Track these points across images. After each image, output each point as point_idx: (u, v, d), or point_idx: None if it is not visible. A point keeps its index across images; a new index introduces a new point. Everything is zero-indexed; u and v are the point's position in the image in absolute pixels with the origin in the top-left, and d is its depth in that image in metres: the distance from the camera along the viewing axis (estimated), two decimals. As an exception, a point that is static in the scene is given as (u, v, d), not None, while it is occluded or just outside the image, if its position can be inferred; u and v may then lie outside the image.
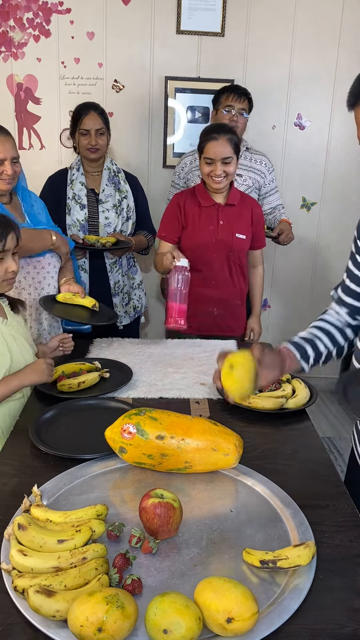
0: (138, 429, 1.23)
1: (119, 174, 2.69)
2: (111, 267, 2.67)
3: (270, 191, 2.86)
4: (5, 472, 1.29)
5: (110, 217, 2.62)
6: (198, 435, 1.24)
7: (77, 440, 1.41)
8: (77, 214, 2.60)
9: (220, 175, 2.21)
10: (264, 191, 2.84)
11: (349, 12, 3.21)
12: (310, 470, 1.33)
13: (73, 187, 2.62)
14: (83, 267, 2.64)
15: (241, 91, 2.69)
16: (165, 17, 3.17)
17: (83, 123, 2.53)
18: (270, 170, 2.84)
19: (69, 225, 2.61)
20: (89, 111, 2.54)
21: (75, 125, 2.58)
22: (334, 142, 3.42)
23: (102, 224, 2.62)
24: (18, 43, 3.17)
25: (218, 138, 2.19)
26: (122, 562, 0.98)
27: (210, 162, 2.21)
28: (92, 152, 2.56)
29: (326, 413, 3.57)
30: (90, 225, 2.62)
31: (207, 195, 2.31)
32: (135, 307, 2.85)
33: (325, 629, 0.89)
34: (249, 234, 2.36)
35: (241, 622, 0.84)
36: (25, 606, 0.89)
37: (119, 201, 2.64)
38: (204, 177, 2.28)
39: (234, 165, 2.24)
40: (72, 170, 2.65)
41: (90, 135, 2.53)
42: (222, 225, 2.30)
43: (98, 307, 2.09)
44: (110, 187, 2.65)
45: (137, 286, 2.85)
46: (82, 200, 2.61)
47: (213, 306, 2.38)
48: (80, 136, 2.56)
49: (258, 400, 1.59)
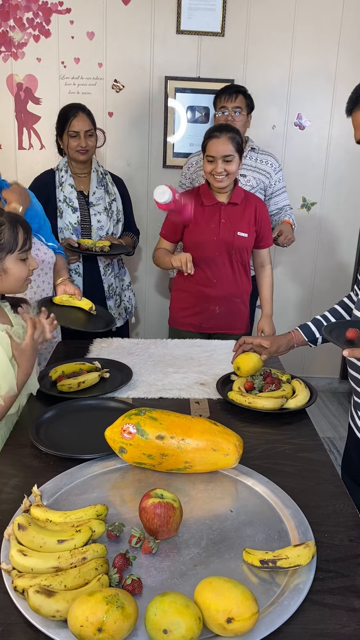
0: (138, 429, 1.23)
1: (106, 176, 2.68)
2: (105, 270, 2.66)
3: (277, 191, 2.81)
4: (5, 472, 1.29)
5: (102, 220, 2.61)
6: (198, 435, 1.24)
7: (77, 440, 1.41)
8: (69, 217, 2.58)
9: (221, 174, 2.23)
10: (269, 192, 2.80)
11: (349, 12, 3.21)
12: (310, 470, 1.33)
13: (63, 189, 2.59)
14: (77, 271, 2.63)
15: (233, 89, 2.68)
16: (165, 17, 3.17)
17: (72, 125, 2.50)
18: (277, 170, 2.80)
19: (61, 229, 2.59)
20: (77, 112, 2.51)
21: (62, 127, 2.53)
22: (334, 142, 3.42)
23: (94, 227, 2.61)
24: (18, 43, 3.17)
25: (220, 136, 2.22)
26: (122, 562, 0.97)
27: (212, 160, 2.23)
28: (82, 153, 2.53)
29: (326, 413, 3.57)
30: (82, 228, 2.61)
31: (211, 195, 2.34)
32: (126, 308, 2.85)
33: (325, 629, 0.89)
34: (252, 232, 2.37)
35: (241, 622, 0.84)
36: (25, 606, 0.89)
37: (109, 204, 2.64)
38: (207, 176, 2.30)
39: (236, 164, 2.25)
40: (61, 172, 2.61)
41: (80, 137, 2.50)
42: (224, 224, 2.32)
43: (95, 309, 2.09)
44: (100, 189, 2.63)
45: (127, 287, 2.85)
46: (74, 203, 2.59)
47: (215, 305, 2.39)
48: (68, 138, 2.52)
49: (258, 400, 1.59)
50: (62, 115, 2.54)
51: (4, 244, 1.47)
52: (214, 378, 1.79)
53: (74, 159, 2.59)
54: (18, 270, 1.53)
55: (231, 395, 1.64)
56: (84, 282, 2.65)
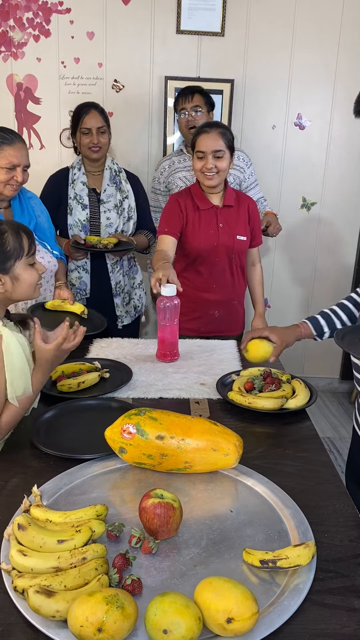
0: (138, 429, 1.23)
1: (120, 174, 2.69)
2: (112, 267, 2.67)
3: (251, 185, 2.86)
4: (5, 472, 1.29)
5: (111, 218, 2.62)
6: (198, 435, 1.24)
7: (77, 440, 1.41)
8: (78, 214, 2.60)
9: (211, 170, 2.17)
10: (244, 186, 2.84)
11: (349, 12, 3.21)
12: (310, 470, 1.33)
13: (74, 187, 2.61)
14: (84, 268, 2.64)
15: (188, 90, 2.74)
16: (165, 17, 3.17)
17: (84, 122, 2.54)
18: (249, 165, 2.85)
19: (71, 226, 2.61)
20: (89, 110, 2.55)
21: (75, 124, 2.58)
22: (334, 142, 3.42)
23: (103, 224, 2.62)
24: (18, 43, 3.17)
25: (210, 131, 2.17)
26: (122, 562, 0.97)
27: (202, 155, 2.17)
28: (94, 151, 2.56)
29: (326, 413, 3.57)
30: (91, 226, 2.62)
31: (204, 197, 2.28)
32: (136, 306, 2.85)
33: (325, 629, 0.89)
34: (249, 234, 2.35)
35: (241, 622, 0.84)
36: (25, 606, 0.89)
37: (120, 201, 2.64)
38: (197, 175, 2.25)
39: (227, 162, 2.20)
40: (74, 170, 2.65)
41: (92, 134, 2.54)
42: (222, 229, 2.28)
43: (87, 313, 2.11)
44: (112, 187, 2.65)
45: (138, 286, 2.84)
46: (84, 201, 2.61)
47: (214, 309, 2.37)
48: (81, 135, 2.56)
49: (258, 401, 1.59)
50: (76, 113, 2.59)
51: (11, 250, 1.46)
52: (214, 378, 1.79)
53: (86, 156, 2.62)
54: (29, 275, 1.52)
55: (231, 395, 1.64)
56: (91, 279, 2.67)
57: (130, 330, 2.84)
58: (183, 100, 2.73)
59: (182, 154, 2.90)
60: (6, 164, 1.94)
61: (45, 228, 2.20)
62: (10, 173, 1.96)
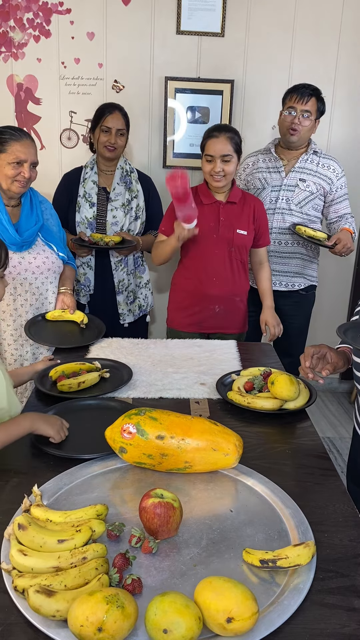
0: (138, 429, 1.23)
1: (132, 174, 2.73)
2: (116, 265, 2.69)
3: (338, 198, 2.69)
4: (5, 472, 1.29)
5: (117, 216, 2.64)
6: (198, 435, 1.24)
7: (77, 440, 1.41)
8: (86, 211, 2.64)
9: (219, 173, 2.25)
10: (330, 198, 2.68)
11: (349, 12, 3.21)
12: (310, 470, 1.33)
13: (85, 185, 2.66)
14: (89, 265, 2.68)
15: (307, 91, 2.54)
16: (165, 17, 3.17)
17: (106, 120, 2.58)
18: (339, 177, 2.68)
19: (78, 223, 2.66)
20: (114, 110, 2.60)
21: (97, 121, 2.62)
22: (334, 142, 3.42)
23: (109, 222, 2.64)
24: (18, 43, 3.17)
25: (218, 136, 2.24)
26: (122, 562, 0.98)
27: (211, 159, 2.26)
28: (110, 150, 2.60)
29: (326, 413, 3.57)
30: (98, 223, 2.65)
31: (209, 193, 2.36)
32: (141, 305, 2.87)
33: (325, 629, 0.89)
34: (251, 230, 2.39)
35: (241, 622, 0.84)
36: (25, 606, 0.90)
37: (129, 200, 2.67)
38: (205, 176, 2.33)
39: (234, 165, 2.27)
40: (86, 169, 2.69)
41: (111, 134, 2.58)
42: (223, 222, 2.34)
43: (86, 322, 2.14)
44: (122, 186, 2.68)
45: (144, 285, 2.86)
46: (92, 199, 2.64)
47: (215, 304, 2.39)
48: (100, 132, 2.60)
49: (257, 401, 1.59)
50: (99, 111, 2.63)
51: None
52: (214, 378, 1.79)
53: (101, 155, 2.65)
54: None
55: (231, 395, 1.64)
56: (95, 276, 2.70)
57: (136, 328, 2.86)
58: (297, 99, 2.53)
59: (269, 153, 2.73)
60: (13, 159, 1.96)
61: (54, 232, 2.23)
62: (18, 169, 1.98)
